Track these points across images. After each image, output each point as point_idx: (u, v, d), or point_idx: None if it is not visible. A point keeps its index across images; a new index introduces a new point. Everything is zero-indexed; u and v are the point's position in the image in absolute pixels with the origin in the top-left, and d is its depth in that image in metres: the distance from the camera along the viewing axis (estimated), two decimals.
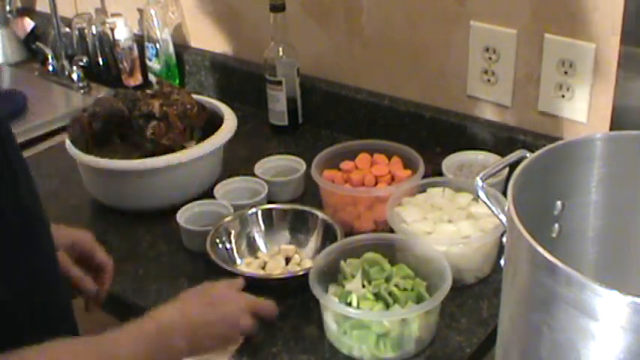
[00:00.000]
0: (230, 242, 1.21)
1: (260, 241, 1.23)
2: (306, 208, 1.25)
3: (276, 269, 1.16)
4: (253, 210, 1.25)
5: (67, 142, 1.36)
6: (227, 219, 1.23)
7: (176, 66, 1.83)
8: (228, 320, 1.00)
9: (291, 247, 1.21)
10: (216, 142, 1.36)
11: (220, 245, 1.19)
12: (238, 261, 1.20)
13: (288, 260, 1.19)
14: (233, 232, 1.22)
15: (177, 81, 1.83)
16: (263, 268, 1.17)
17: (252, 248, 1.23)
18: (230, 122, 1.40)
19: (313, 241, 1.21)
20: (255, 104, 1.68)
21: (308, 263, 1.17)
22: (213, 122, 1.40)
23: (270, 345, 1.05)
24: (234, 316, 1.00)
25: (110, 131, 1.38)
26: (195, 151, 1.33)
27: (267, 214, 1.25)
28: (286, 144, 1.56)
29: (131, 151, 1.35)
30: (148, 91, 1.44)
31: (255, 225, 1.24)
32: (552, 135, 1.32)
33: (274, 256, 1.20)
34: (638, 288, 0.74)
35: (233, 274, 1.12)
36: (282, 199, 1.35)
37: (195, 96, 1.44)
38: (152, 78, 1.82)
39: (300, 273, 1.12)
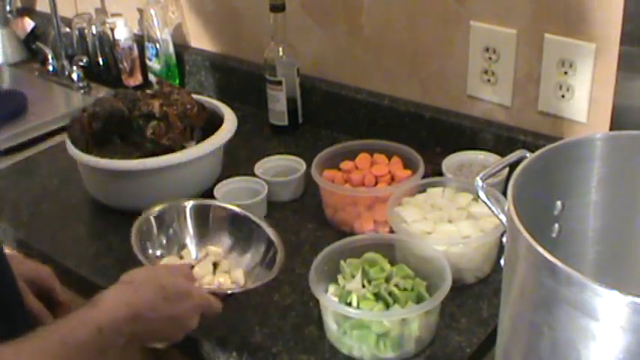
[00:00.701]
0: (153, 235, 1.14)
1: (189, 240, 1.17)
2: (251, 217, 1.17)
3: (205, 276, 1.08)
4: (188, 203, 1.18)
5: (67, 142, 1.36)
6: (157, 208, 1.16)
7: (176, 66, 1.83)
8: (179, 322, 0.95)
9: (218, 249, 1.14)
10: (217, 142, 1.35)
11: (142, 239, 1.11)
12: (158, 254, 1.13)
13: (215, 265, 1.12)
14: (156, 225, 1.15)
15: (177, 81, 1.83)
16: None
17: (179, 245, 1.16)
18: (230, 122, 1.40)
19: (251, 254, 1.14)
20: (255, 104, 1.68)
21: (238, 272, 1.11)
22: (213, 122, 1.40)
23: (270, 345, 1.05)
24: (185, 317, 0.95)
25: (110, 131, 1.38)
26: (195, 151, 1.33)
27: (203, 210, 1.18)
28: (286, 144, 1.56)
29: (131, 151, 1.35)
30: (148, 91, 1.44)
31: (184, 220, 1.17)
32: (552, 135, 1.32)
33: (202, 260, 1.11)
34: (638, 288, 0.74)
35: None
36: (282, 199, 1.35)
37: (195, 96, 1.44)
38: (152, 78, 1.82)
39: (232, 291, 1.07)
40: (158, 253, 1.14)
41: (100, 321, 0.86)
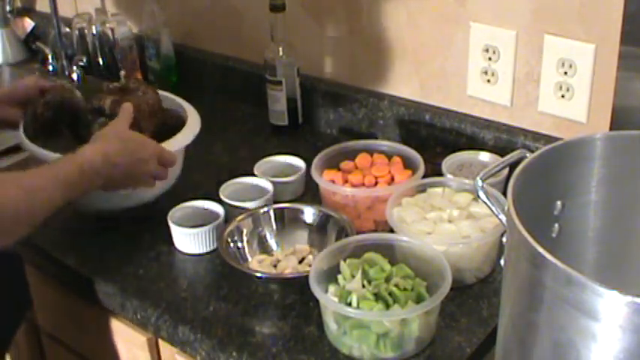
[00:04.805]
0: (242, 241, 1.21)
1: (272, 240, 1.23)
2: (322, 209, 1.24)
3: (287, 268, 1.16)
4: (265, 209, 1.25)
5: (20, 129, 1.30)
6: (239, 217, 1.22)
7: (176, 66, 1.83)
8: (141, 165, 1.19)
9: (306, 247, 1.21)
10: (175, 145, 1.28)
11: (232, 244, 1.19)
12: (249, 259, 1.20)
13: (302, 260, 1.19)
14: (245, 230, 1.22)
15: (177, 80, 1.83)
16: (275, 266, 1.17)
17: (265, 247, 1.22)
18: (187, 130, 1.32)
19: (328, 243, 1.20)
20: (255, 104, 1.68)
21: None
22: (177, 126, 1.34)
23: (270, 345, 1.05)
24: (145, 160, 1.19)
25: (60, 122, 1.32)
26: None
27: (280, 214, 1.24)
28: (286, 144, 1.56)
29: (77, 146, 1.22)
30: (115, 84, 1.36)
31: (268, 224, 1.24)
32: (552, 135, 1.32)
33: (288, 255, 1.19)
34: (638, 288, 0.74)
35: (243, 273, 1.13)
36: (282, 199, 1.34)
37: (168, 95, 1.38)
38: (152, 78, 1.82)
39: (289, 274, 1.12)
40: (249, 257, 1.20)
41: (82, 163, 1.11)
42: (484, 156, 1.34)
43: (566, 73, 1.27)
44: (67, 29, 1.97)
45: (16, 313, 1.27)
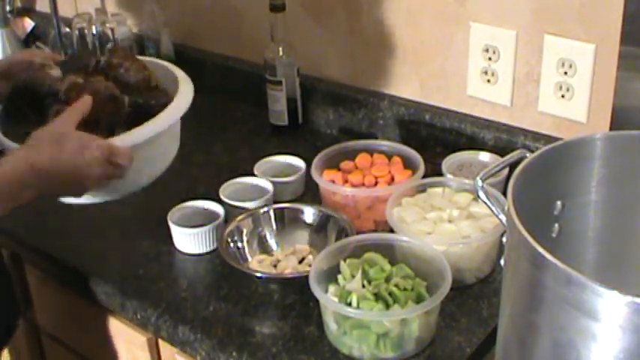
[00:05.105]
0: (242, 241, 1.21)
1: (272, 240, 1.23)
2: (322, 209, 1.24)
3: (287, 268, 1.16)
4: (265, 209, 1.25)
5: None
6: (239, 217, 1.22)
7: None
8: (84, 170, 1.01)
9: (306, 247, 1.21)
10: (130, 139, 1.08)
11: (232, 244, 1.19)
12: (249, 259, 1.20)
13: (302, 260, 1.19)
14: (245, 230, 1.22)
15: None
16: (275, 266, 1.18)
17: (265, 247, 1.23)
18: (160, 118, 1.12)
19: (328, 243, 1.20)
20: (255, 104, 1.68)
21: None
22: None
23: (270, 345, 1.05)
24: (88, 165, 1.01)
25: (25, 105, 1.19)
26: None
27: (280, 214, 1.25)
28: (286, 144, 1.56)
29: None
30: (103, 58, 1.20)
31: (268, 224, 1.24)
32: (552, 135, 1.32)
33: (288, 255, 1.20)
34: (638, 288, 0.74)
35: (243, 273, 1.13)
36: (282, 199, 1.34)
37: (159, 62, 1.30)
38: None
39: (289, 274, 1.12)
40: (249, 257, 1.20)
41: (4, 177, 0.96)
42: (484, 156, 1.34)
43: (566, 73, 1.27)
44: (67, 29, 1.97)
45: (13, 310, 1.25)
